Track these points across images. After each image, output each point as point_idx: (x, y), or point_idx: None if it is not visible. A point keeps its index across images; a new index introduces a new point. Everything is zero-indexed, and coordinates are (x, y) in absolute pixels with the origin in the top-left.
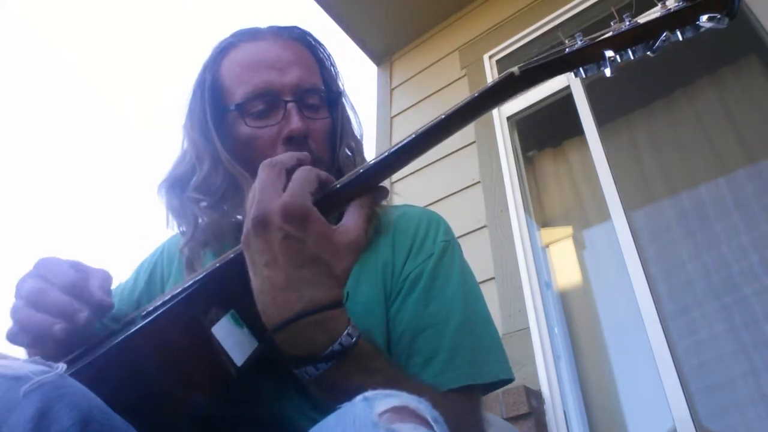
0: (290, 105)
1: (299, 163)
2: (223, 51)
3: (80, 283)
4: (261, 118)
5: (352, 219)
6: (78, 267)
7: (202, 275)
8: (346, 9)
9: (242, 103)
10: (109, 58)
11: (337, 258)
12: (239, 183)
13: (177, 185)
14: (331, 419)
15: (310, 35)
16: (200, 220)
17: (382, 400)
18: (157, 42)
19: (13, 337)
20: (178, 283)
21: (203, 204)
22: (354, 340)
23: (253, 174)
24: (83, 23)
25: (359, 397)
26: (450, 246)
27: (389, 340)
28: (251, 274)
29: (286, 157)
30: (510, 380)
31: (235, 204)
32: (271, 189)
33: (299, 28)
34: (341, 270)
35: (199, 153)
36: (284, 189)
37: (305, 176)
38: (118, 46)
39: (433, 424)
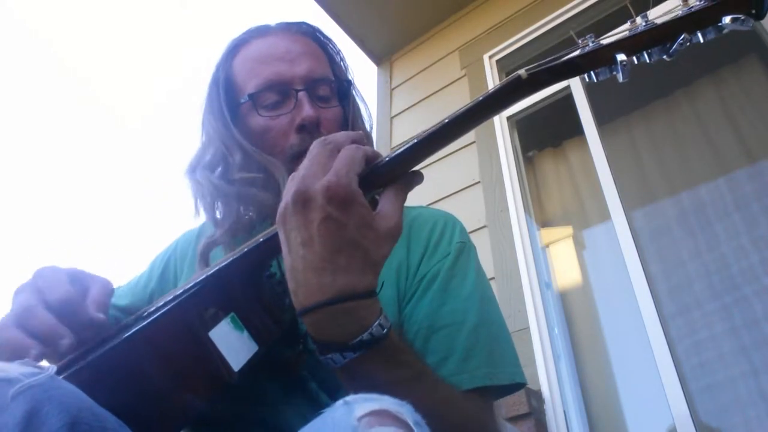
0: (301, 94)
1: (353, 143)
2: (234, 49)
3: (74, 299)
4: (273, 109)
5: (390, 204)
6: (76, 278)
7: (203, 277)
8: (345, 9)
9: (254, 93)
10: (108, 60)
11: (375, 245)
12: (275, 174)
13: (208, 169)
14: (312, 425)
15: (319, 31)
16: (241, 207)
17: (362, 404)
18: (156, 43)
19: None
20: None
21: (250, 181)
22: (385, 331)
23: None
24: (83, 26)
25: (340, 402)
26: (466, 247)
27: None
28: (285, 250)
29: (340, 136)
30: (523, 385)
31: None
32: (317, 166)
33: (308, 24)
34: (379, 257)
35: (227, 145)
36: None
37: (352, 156)
38: (117, 48)
39: (413, 427)
